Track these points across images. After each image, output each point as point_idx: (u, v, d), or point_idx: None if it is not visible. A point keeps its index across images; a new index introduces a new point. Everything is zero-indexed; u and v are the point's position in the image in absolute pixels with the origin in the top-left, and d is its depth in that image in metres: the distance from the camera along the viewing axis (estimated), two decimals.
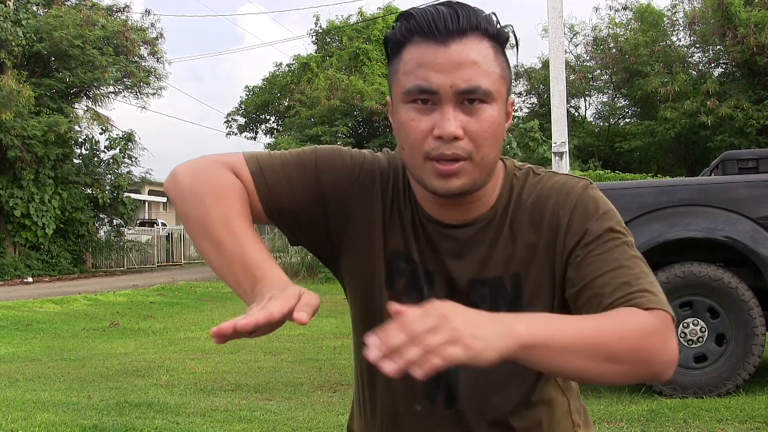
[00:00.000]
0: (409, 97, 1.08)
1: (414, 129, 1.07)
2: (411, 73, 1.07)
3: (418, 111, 1.07)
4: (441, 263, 1.17)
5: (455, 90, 1.05)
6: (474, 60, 1.06)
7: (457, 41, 1.06)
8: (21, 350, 8.52)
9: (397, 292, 1.18)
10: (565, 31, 20.34)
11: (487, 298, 1.15)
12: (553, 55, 9.95)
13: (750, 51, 19.71)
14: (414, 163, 1.10)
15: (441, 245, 1.17)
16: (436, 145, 1.06)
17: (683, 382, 4.78)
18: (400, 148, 1.12)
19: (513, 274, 1.15)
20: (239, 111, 31.16)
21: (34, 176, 20.48)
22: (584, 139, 25.83)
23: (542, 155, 18.76)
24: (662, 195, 4.93)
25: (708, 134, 20.55)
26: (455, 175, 1.07)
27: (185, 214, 1.16)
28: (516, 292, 1.15)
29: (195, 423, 4.34)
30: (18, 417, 4.41)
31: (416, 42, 1.08)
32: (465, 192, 1.10)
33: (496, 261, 1.15)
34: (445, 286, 1.17)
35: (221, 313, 12.20)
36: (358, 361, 1.28)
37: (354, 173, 1.21)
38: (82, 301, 13.43)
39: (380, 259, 1.19)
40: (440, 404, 1.19)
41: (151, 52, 24.53)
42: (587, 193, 1.15)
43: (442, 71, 1.05)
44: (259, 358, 7.26)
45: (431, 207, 1.17)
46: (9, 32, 19.60)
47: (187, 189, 1.15)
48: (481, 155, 1.08)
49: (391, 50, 1.12)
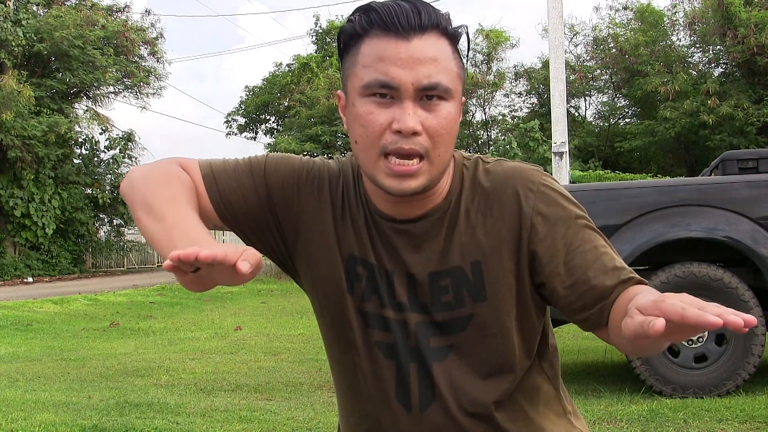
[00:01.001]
0: (368, 90, 1.06)
1: (372, 122, 1.06)
2: (371, 66, 1.06)
3: (376, 105, 1.06)
4: (399, 260, 1.16)
5: (416, 86, 1.05)
6: (434, 56, 1.06)
7: (419, 37, 1.06)
8: (21, 350, 8.52)
9: (356, 296, 1.17)
10: (565, 31, 20.35)
11: (450, 289, 1.14)
12: (553, 55, 9.95)
13: (750, 51, 19.71)
14: (368, 158, 1.08)
15: (397, 242, 1.16)
16: (393, 139, 1.05)
17: (683, 382, 4.78)
18: (353, 142, 1.11)
19: (473, 262, 1.14)
20: (239, 111, 31.15)
21: (34, 176, 20.49)
22: (584, 139, 25.82)
23: (542, 155, 18.77)
24: (662, 195, 4.93)
25: (708, 133, 20.54)
26: (412, 175, 1.06)
27: (133, 200, 1.15)
28: (478, 280, 1.14)
29: (195, 423, 4.34)
30: (18, 417, 4.41)
31: (376, 35, 1.07)
32: (419, 192, 1.09)
33: (455, 250, 1.14)
34: (406, 282, 1.15)
35: (221, 314, 12.20)
36: (336, 372, 1.27)
37: (301, 177, 1.21)
38: (82, 301, 13.43)
39: (339, 265, 1.18)
40: (416, 405, 1.17)
41: (151, 52, 24.55)
42: (546, 181, 1.16)
43: (404, 66, 1.05)
44: (259, 358, 7.26)
45: (384, 204, 1.16)
46: (9, 32, 19.62)
47: (137, 180, 1.17)
48: (437, 153, 1.07)
49: (347, 43, 1.11)
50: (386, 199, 1.14)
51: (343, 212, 1.19)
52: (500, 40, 26.67)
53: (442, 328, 1.15)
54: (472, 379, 1.16)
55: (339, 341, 1.21)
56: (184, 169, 1.19)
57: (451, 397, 1.16)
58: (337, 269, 1.18)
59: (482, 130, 28.24)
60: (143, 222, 1.12)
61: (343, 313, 1.18)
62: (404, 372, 1.16)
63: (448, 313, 1.14)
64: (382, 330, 1.17)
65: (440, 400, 1.16)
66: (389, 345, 1.16)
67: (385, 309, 1.16)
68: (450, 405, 1.16)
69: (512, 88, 28.59)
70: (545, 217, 1.12)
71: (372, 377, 1.19)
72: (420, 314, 1.15)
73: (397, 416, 1.18)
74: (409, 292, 1.15)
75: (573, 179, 13.56)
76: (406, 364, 1.16)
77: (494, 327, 1.15)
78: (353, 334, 1.18)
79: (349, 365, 1.21)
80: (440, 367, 1.15)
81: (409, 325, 1.15)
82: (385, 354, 1.17)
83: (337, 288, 1.18)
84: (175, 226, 1.07)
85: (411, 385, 1.16)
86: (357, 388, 1.21)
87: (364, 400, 1.21)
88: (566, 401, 1.27)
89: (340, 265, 1.18)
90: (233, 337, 9.05)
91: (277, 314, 11.57)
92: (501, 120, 28.49)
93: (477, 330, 1.15)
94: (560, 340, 7.71)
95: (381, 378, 1.18)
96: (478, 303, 1.14)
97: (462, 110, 1.15)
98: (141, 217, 1.13)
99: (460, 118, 1.12)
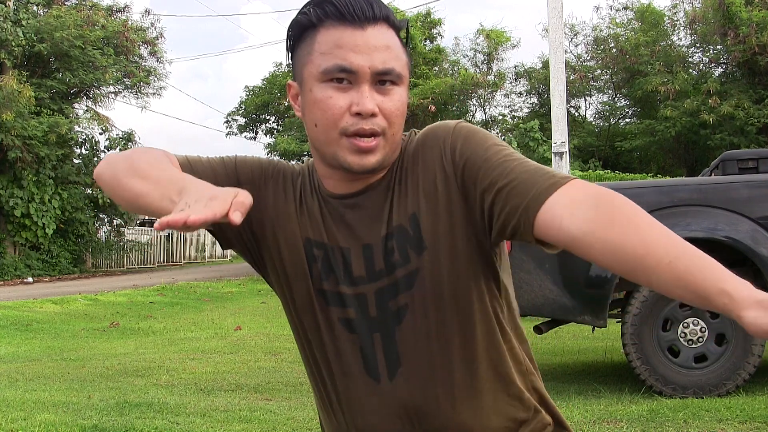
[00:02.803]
0: (326, 76, 1.13)
1: (332, 106, 1.12)
2: (329, 53, 1.13)
3: (335, 89, 1.13)
4: (353, 234, 1.21)
5: (373, 70, 1.12)
6: (388, 44, 1.14)
7: (372, 26, 1.14)
8: (21, 350, 8.52)
9: (315, 278, 1.22)
10: (566, 31, 20.34)
11: (395, 248, 1.18)
12: (553, 55, 9.96)
13: (751, 51, 19.69)
14: (328, 139, 1.14)
15: (350, 217, 1.21)
16: (354, 121, 1.12)
17: (683, 382, 4.78)
18: (312, 126, 1.16)
19: (409, 216, 1.18)
20: (239, 111, 31.15)
21: (35, 176, 20.49)
22: (584, 139, 25.82)
23: (542, 155, 18.76)
24: (662, 195, 4.93)
25: (708, 133, 20.54)
26: (371, 151, 1.13)
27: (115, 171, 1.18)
28: (416, 232, 1.18)
29: (195, 423, 4.34)
30: (18, 417, 4.41)
31: (332, 25, 1.14)
32: (377, 169, 1.16)
33: (397, 212, 1.19)
34: (362, 254, 1.20)
35: (221, 314, 12.20)
36: (306, 358, 1.30)
37: (267, 171, 1.29)
38: (82, 301, 13.43)
39: (300, 249, 1.24)
40: (384, 374, 1.20)
41: (151, 52, 24.54)
42: (461, 123, 1.21)
43: (361, 52, 1.12)
44: (259, 358, 7.26)
45: (335, 184, 1.22)
46: (9, 32, 19.61)
47: (114, 157, 1.22)
48: (392, 132, 1.15)
49: (300, 34, 1.18)
50: (338, 178, 1.20)
51: (301, 202, 1.26)
52: (501, 41, 26.67)
53: (396, 289, 1.18)
54: (429, 339, 1.18)
55: (308, 326, 1.25)
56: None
57: (416, 360, 1.18)
58: (299, 254, 1.23)
59: None
60: (125, 183, 1.15)
61: (308, 296, 1.23)
62: (368, 344, 1.20)
63: (398, 271, 1.18)
64: (341, 306, 1.21)
65: (407, 365, 1.18)
66: (349, 320, 1.21)
67: (341, 285, 1.21)
68: (416, 369, 1.18)
69: (512, 88, 28.60)
70: (464, 143, 1.17)
71: (338, 355, 1.22)
72: (377, 282, 1.19)
73: (369, 390, 1.21)
74: (367, 263, 1.19)
75: None
76: (368, 336, 1.20)
77: (440, 276, 1.17)
78: (317, 315, 1.23)
79: (318, 347, 1.25)
80: (400, 330, 1.18)
81: (368, 296, 1.19)
82: (347, 329, 1.21)
83: (302, 272, 1.23)
84: (159, 179, 1.11)
85: (377, 356, 1.20)
86: (328, 368, 1.24)
87: (336, 379, 1.24)
88: (528, 360, 1.28)
89: (302, 249, 1.23)
90: (233, 337, 9.05)
91: (277, 314, 11.57)
92: (501, 120, 28.49)
93: (423, 282, 1.17)
94: (560, 340, 7.72)
95: (346, 353, 1.22)
96: (420, 255, 1.17)
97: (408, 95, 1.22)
98: (121, 181, 1.16)
99: (407, 102, 1.20)
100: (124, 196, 1.17)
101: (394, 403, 1.20)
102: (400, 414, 1.20)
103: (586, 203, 1.03)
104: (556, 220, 1.04)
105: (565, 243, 1.04)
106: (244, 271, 21.40)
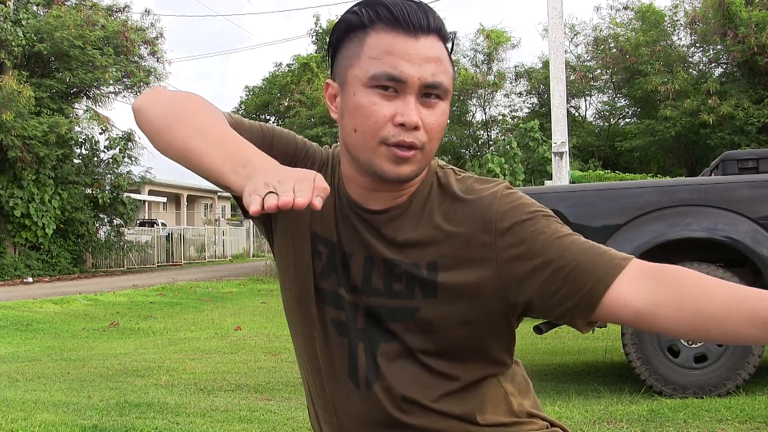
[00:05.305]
0: (374, 82, 1.10)
1: (375, 113, 1.10)
2: (379, 59, 1.09)
3: (380, 96, 1.10)
4: (359, 242, 1.19)
5: (422, 82, 1.10)
6: (439, 57, 1.12)
7: (425, 37, 1.11)
8: (21, 350, 8.52)
9: (316, 274, 1.22)
10: (566, 31, 20.34)
11: (403, 278, 1.17)
12: (553, 55, 9.96)
13: (750, 51, 19.69)
14: (366, 145, 1.12)
15: (360, 226, 1.19)
16: (395, 132, 1.09)
17: (683, 382, 4.78)
18: (351, 130, 1.13)
19: (428, 262, 1.16)
20: (239, 111, 31.15)
21: (35, 176, 20.48)
22: (584, 139, 25.82)
23: (542, 155, 18.77)
24: (662, 195, 4.92)
25: (708, 132, 20.54)
26: (408, 161, 1.11)
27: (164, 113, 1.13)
28: (431, 278, 1.15)
29: (195, 423, 4.34)
30: (18, 417, 4.41)
31: (383, 30, 1.11)
32: (411, 179, 1.14)
33: (414, 247, 1.17)
34: (362, 264, 1.19)
35: (221, 314, 12.20)
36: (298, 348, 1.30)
37: (299, 150, 1.28)
38: (82, 301, 13.43)
39: (307, 240, 1.22)
40: (364, 381, 1.19)
41: (151, 51, 24.52)
42: (507, 191, 1.18)
43: (412, 62, 1.09)
44: (259, 358, 7.26)
45: (357, 191, 1.20)
46: (9, 32, 19.60)
47: (167, 95, 1.18)
48: (431, 146, 1.13)
49: (346, 33, 1.15)
50: (362, 185, 1.18)
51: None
52: (501, 41, 26.67)
53: (389, 314, 1.17)
54: (414, 368, 1.18)
55: (303, 316, 1.25)
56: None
57: (393, 380, 1.18)
58: (306, 244, 1.22)
59: (482, 130, 28.23)
60: (182, 134, 1.09)
61: (308, 287, 1.22)
62: (354, 350, 1.20)
63: (398, 301, 1.17)
64: (336, 308, 1.21)
65: (383, 381, 1.18)
66: (342, 323, 1.20)
67: (340, 288, 1.20)
68: (392, 387, 1.18)
69: (512, 88, 28.60)
70: (512, 212, 1.14)
71: (327, 354, 1.22)
72: (372, 297, 1.18)
73: (349, 393, 1.21)
74: (365, 275, 1.18)
75: (573, 179, 13.56)
76: (355, 343, 1.20)
77: (445, 326, 1.16)
78: (314, 309, 1.22)
79: (310, 340, 1.24)
80: (386, 349, 1.18)
81: (360, 307, 1.19)
82: (338, 331, 1.21)
83: (305, 262, 1.22)
84: (223, 137, 1.08)
85: (359, 363, 1.19)
86: (316, 364, 1.25)
87: (323, 377, 1.24)
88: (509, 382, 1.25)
89: (308, 242, 1.22)
90: (233, 337, 9.05)
91: (277, 314, 11.57)
92: (501, 120, 28.49)
93: (423, 324, 1.16)
94: (560, 340, 7.71)
95: (335, 355, 1.22)
96: (427, 299, 1.16)
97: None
98: (181, 130, 1.10)
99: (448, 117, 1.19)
100: (172, 143, 1.11)
101: (368, 412, 1.20)
102: (369, 424, 1.20)
103: (645, 277, 1.06)
104: (621, 301, 1.06)
105: (629, 319, 1.07)
106: (244, 271, 21.40)
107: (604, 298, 1.07)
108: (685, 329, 1.03)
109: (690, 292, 1.03)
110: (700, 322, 1.02)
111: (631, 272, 1.07)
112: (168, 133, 1.11)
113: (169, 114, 1.12)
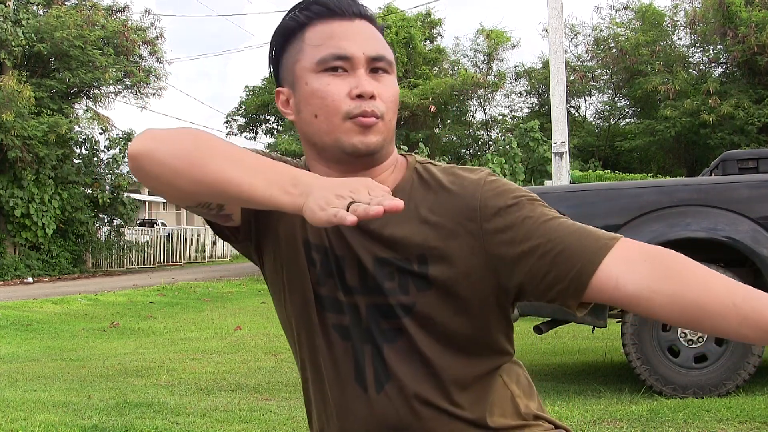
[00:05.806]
0: (323, 65, 1.14)
1: (331, 93, 1.13)
2: (322, 44, 1.15)
3: (332, 77, 1.14)
4: (348, 245, 1.19)
5: (367, 56, 1.15)
6: (375, 35, 1.19)
7: (360, 20, 1.18)
8: (21, 350, 8.52)
9: (312, 281, 1.21)
10: (566, 31, 20.33)
11: (395, 275, 1.16)
12: (553, 55, 9.96)
13: (750, 51, 19.70)
14: (330, 126, 1.14)
15: (347, 228, 1.18)
16: (356, 104, 1.12)
17: (683, 382, 4.78)
18: (312, 118, 1.15)
19: (418, 255, 1.16)
20: (239, 111, 31.14)
21: (35, 176, 20.48)
22: (584, 139, 25.82)
23: (542, 155, 18.76)
24: (662, 195, 4.92)
25: (708, 132, 20.54)
26: (372, 130, 1.13)
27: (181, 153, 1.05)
28: (423, 271, 1.15)
29: (195, 423, 4.34)
30: (18, 417, 4.41)
31: (320, 22, 1.17)
32: (378, 150, 1.15)
33: (402, 242, 1.16)
34: (356, 266, 1.18)
35: (221, 314, 12.20)
36: (299, 358, 1.28)
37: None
38: (82, 301, 13.43)
39: (300, 249, 1.22)
40: (372, 386, 1.18)
41: (151, 51, 24.52)
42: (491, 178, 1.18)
43: (353, 40, 1.15)
44: (259, 358, 7.26)
45: None
46: (9, 32, 19.60)
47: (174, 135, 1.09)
48: (389, 117, 1.16)
49: (285, 39, 1.20)
50: (337, 175, 1.16)
51: None
52: (501, 41, 26.67)
53: (391, 312, 1.17)
54: (422, 365, 1.17)
55: (305, 325, 1.24)
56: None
57: (405, 379, 1.17)
58: (299, 253, 1.22)
59: (482, 130, 28.24)
60: (214, 168, 1.03)
61: (307, 296, 1.22)
62: (359, 354, 1.19)
63: (395, 298, 1.17)
64: (337, 313, 1.20)
65: (395, 381, 1.17)
66: (344, 327, 1.20)
67: (339, 292, 1.19)
68: (404, 387, 1.17)
69: (512, 88, 28.61)
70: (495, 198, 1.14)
71: (331, 360, 1.21)
72: (369, 297, 1.18)
73: (356, 398, 1.20)
74: (360, 276, 1.18)
75: (573, 179, 13.56)
76: (360, 346, 1.19)
77: (442, 317, 1.16)
78: (312, 318, 1.22)
79: (312, 349, 1.23)
80: (392, 348, 1.17)
81: (360, 308, 1.18)
82: (341, 336, 1.20)
83: (301, 273, 1.22)
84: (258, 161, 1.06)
85: (366, 366, 1.18)
86: (319, 372, 1.23)
87: (326, 384, 1.23)
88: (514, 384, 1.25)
89: (301, 250, 1.22)
90: (233, 337, 9.05)
91: (276, 314, 11.56)
92: (501, 120, 28.50)
93: (423, 317, 1.17)
94: (560, 340, 7.71)
95: (339, 360, 1.21)
96: (421, 292, 1.16)
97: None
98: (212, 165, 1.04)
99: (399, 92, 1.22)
100: (201, 180, 1.04)
101: (378, 416, 1.19)
102: (381, 428, 1.19)
103: (638, 260, 1.05)
104: (611, 281, 1.05)
105: (622, 302, 1.06)
106: (244, 271, 21.39)
107: (593, 278, 1.06)
108: (677, 319, 1.03)
109: (688, 284, 1.02)
110: (694, 316, 1.02)
111: (622, 253, 1.07)
112: (191, 171, 1.04)
113: (186, 151, 1.05)
